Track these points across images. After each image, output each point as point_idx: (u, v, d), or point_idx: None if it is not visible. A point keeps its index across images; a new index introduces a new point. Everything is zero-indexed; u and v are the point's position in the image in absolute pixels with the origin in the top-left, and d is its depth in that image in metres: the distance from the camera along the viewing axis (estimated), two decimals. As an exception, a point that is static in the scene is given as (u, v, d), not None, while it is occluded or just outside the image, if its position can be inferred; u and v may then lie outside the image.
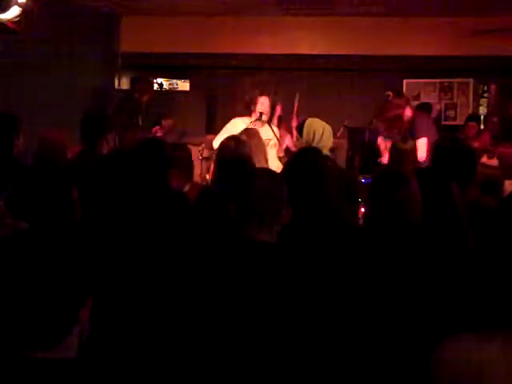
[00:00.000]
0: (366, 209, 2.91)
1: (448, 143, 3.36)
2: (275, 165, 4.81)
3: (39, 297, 1.34)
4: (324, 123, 4.07)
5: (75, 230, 2.33)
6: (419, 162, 4.91)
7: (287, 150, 5.97)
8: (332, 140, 4.11)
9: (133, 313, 2.54)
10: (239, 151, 3.47)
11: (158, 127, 6.95)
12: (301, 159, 2.94)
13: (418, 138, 5.14)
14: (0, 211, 2.40)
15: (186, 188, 3.61)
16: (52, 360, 1.34)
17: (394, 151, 4.54)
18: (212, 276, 2.18)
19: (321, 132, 3.99)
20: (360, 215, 3.53)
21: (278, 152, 5.25)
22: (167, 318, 2.40)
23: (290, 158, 3.01)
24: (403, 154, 4.45)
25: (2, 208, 2.42)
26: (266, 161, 4.06)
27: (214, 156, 4.92)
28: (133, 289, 2.59)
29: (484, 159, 5.60)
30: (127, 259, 2.69)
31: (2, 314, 1.34)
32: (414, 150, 4.81)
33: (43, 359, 1.33)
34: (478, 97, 8.35)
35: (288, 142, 6.14)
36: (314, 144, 3.95)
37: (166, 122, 7.07)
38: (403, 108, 5.39)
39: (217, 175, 3.43)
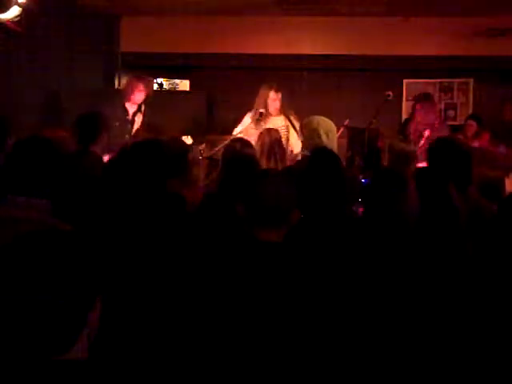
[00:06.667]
0: (364, 209, 2.90)
1: (443, 144, 3.36)
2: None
3: (50, 300, 1.33)
4: (325, 122, 4.01)
5: (83, 232, 2.32)
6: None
7: None
8: (335, 138, 4.05)
9: (141, 313, 2.54)
10: (245, 152, 3.48)
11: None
12: (320, 162, 2.90)
13: None
14: (43, 212, 2.39)
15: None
16: (63, 361, 1.34)
17: (393, 152, 4.40)
18: (221, 276, 2.18)
19: (320, 131, 3.93)
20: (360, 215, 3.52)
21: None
22: (174, 318, 2.40)
23: (308, 161, 2.95)
24: (404, 156, 4.34)
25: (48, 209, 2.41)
26: (283, 156, 4.10)
27: (215, 156, 4.93)
28: (140, 289, 2.59)
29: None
30: (133, 261, 2.69)
31: (11, 318, 1.33)
32: (415, 153, 4.71)
33: (53, 361, 1.33)
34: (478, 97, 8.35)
35: None
36: (311, 140, 3.90)
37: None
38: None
39: (223, 176, 3.42)
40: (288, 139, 5.34)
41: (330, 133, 3.97)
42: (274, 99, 5.43)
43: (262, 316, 2.09)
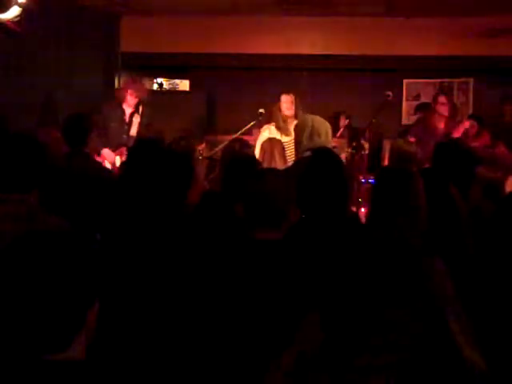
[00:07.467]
0: (368, 208, 2.90)
1: (445, 145, 3.37)
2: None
3: (48, 299, 1.33)
4: (320, 121, 3.98)
5: (85, 232, 2.33)
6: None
7: None
8: (330, 137, 4.02)
9: (139, 314, 2.53)
10: (243, 152, 3.48)
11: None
12: (322, 162, 2.87)
13: None
14: (32, 207, 2.40)
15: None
16: (60, 362, 1.33)
17: (395, 153, 4.38)
18: (219, 276, 2.18)
19: (310, 128, 3.89)
20: (362, 215, 3.52)
21: None
22: (173, 318, 2.40)
23: (309, 160, 2.94)
24: (407, 157, 4.32)
25: (35, 204, 2.42)
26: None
27: (215, 156, 4.93)
28: (137, 289, 2.58)
29: None
30: (130, 261, 2.68)
31: (10, 317, 1.33)
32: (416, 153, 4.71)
33: (52, 361, 1.33)
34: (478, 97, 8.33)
35: None
36: (305, 141, 3.88)
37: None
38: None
39: (223, 176, 3.41)
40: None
41: (325, 132, 3.94)
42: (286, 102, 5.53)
43: (260, 315, 2.08)
